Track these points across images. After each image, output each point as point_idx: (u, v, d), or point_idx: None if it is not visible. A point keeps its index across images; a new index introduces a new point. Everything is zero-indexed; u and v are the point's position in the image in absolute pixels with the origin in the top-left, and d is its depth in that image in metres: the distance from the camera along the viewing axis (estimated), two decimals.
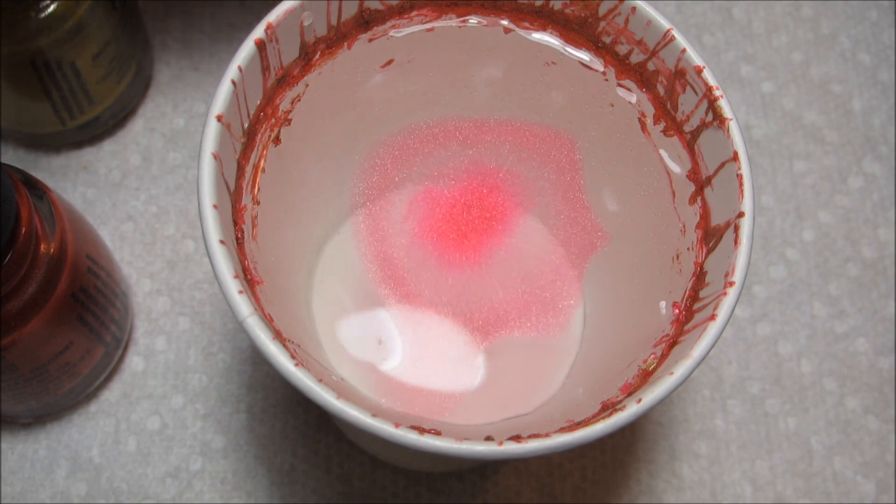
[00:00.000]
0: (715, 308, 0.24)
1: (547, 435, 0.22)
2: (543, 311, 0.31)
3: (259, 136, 0.27)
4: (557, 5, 0.28)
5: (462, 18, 0.28)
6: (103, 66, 0.35)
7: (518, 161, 0.31)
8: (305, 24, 0.26)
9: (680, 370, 0.23)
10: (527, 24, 0.28)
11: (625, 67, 0.28)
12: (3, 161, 0.37)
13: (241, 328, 0.28)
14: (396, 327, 0.30)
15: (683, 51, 0.26)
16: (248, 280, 0.24)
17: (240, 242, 0.25)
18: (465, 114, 0.31)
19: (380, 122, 0.30)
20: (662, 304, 0.27)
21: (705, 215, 0.26)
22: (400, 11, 0.28)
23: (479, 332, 0.30)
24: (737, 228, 0.25)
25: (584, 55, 0.28)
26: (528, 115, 0.30)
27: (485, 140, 0.31)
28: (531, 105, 0.30)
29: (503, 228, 0.32)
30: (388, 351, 0.30)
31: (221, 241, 0.23)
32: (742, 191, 0.25)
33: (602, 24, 0.27)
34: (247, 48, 0.25)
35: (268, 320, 0.23)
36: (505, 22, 0.28)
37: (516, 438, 0.22)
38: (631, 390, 0.25)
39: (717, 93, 0.26)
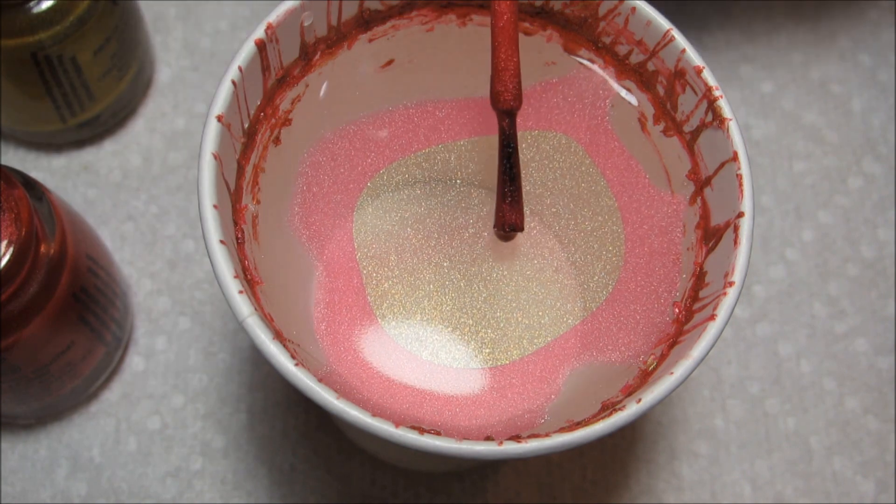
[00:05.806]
0: (715, 308, 0.24)
1: (547, 435, 0.22)
2: (543, 311, 0.31)
3: (259, 136, 0.27)
4: (557, 5, 0.28)
5: (462, 18, 0.28)
6: (104, 63, 0.35)
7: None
8: (305, 24, 0.26)
9: (680, 370, 0.23)
10: (527, 24, 0.28)
11: (625, 68, 0.28)
12: (3, 161, 0.37)
13: (241, 328, 0.28)
14: (393, 328, 0.30)
15: (683, 51, 0.26)
16: (249, 280, 0.24)
17: (240, 242, 0.25)
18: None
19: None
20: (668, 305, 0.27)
21: (705, 215, 0.26)
22: (400, 11, 0.28)
23: (478, 333, 0.30)
24: (736, 228, 0.25)
25: (583, 55, 0.28)
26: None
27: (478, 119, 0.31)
28: (530, 94, 0.30)
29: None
30: (386, 351, 0.30)
31: (221, 242, 0.23)
32: (742, 191, 0.25)
33: (602, 24, 0.27)
34: (247, 48, 0.25)
35: (268, 320, 0.23)
36: None
37: (516, 438, 0.22)
38: (631, 390, 0.25)
39: (717, 93, 0.26)
